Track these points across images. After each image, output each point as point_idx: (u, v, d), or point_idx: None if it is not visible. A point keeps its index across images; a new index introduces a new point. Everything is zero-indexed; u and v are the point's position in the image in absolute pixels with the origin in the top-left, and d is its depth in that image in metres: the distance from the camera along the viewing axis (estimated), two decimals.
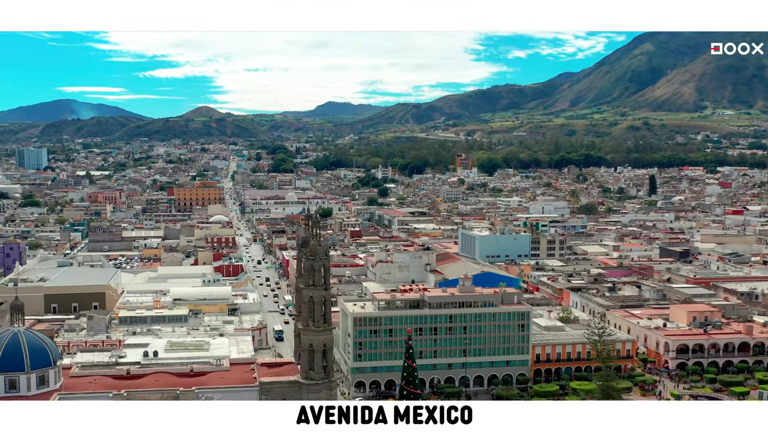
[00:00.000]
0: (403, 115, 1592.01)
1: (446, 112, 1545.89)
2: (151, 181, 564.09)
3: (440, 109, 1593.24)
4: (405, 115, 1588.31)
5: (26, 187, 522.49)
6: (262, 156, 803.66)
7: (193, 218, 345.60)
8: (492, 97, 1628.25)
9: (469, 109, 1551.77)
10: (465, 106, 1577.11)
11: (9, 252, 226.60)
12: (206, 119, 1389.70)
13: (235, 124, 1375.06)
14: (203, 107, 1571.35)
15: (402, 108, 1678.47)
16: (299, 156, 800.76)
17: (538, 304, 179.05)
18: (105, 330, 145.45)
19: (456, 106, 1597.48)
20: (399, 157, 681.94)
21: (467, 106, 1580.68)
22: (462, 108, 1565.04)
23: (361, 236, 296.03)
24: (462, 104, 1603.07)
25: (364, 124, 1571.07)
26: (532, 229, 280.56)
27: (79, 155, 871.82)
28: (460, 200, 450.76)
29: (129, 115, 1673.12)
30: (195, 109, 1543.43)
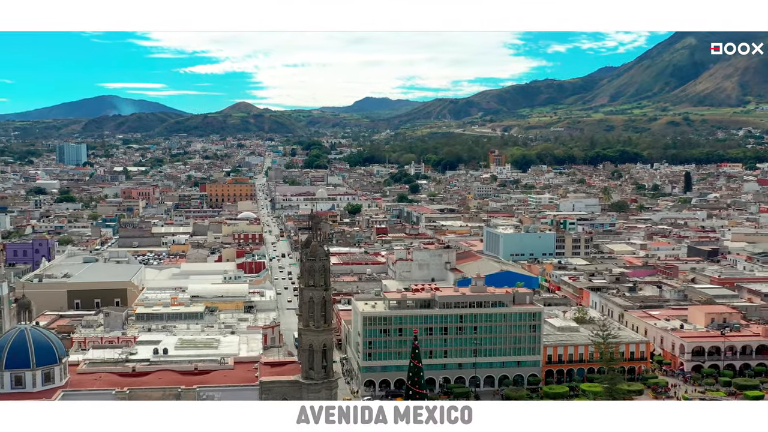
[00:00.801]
0: (440, 110, 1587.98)
1: (484, 108, 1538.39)
2: (185, 176, 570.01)
3: (478, 105, 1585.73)
4: (442, 110, 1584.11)
5: (64, 182, 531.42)
6: (297, 152, 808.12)
7: (222, 214, 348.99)
8: (530, 93, 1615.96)
9: (507, 104, 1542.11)
10: (503, 102, 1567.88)
11: (38, 248, 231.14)
12: (244, 115, 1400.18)
13: (272, 120, 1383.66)
14: (241, 103, 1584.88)
15: (439, 103, 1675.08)
16: (334, 152, 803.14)
17: (556, 303, 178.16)
18: (121, 326, 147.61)
19: (494, 101, 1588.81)
20: (432, 153, 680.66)
21: (505, 101, 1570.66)
22: (500, 103, 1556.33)
23: (387, 233, 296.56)
24: (500, 99, 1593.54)
25: (401, 119, 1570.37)
26: (557, 227, 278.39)
27: (118, 151, 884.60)
28: (491, 197, 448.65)
29: (169, 110, 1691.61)
30: (233, 105, 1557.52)
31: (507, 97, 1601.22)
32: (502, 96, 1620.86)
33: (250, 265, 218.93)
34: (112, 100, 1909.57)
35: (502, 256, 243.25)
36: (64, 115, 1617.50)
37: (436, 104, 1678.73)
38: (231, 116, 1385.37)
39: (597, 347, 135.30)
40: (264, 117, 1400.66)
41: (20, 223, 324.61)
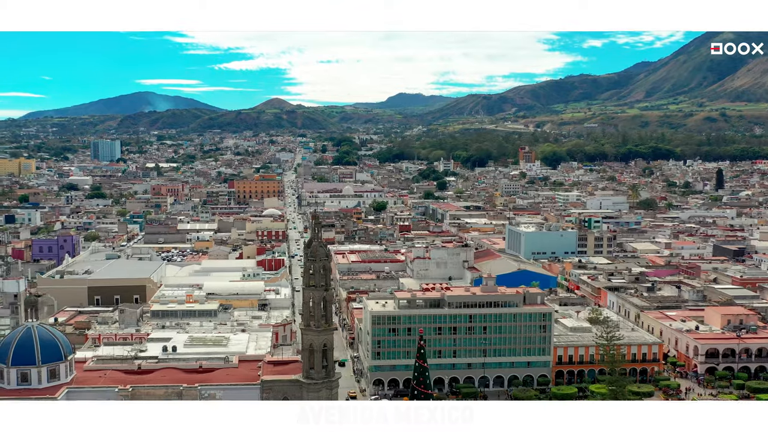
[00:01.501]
0: (474, 106, 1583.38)
1: (517, 103, 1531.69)
2: (216, 173, 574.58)
3: (511, 100, 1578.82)
4: (475, 106, 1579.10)
5: (97, 178, 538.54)
6: (328, 148, 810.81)
7: (248, 211, 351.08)
8: (565, 88, 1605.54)
9: (541, 100, 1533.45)
10: (537, 97, 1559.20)
11: (63, 244, 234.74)
12: (277, 111, 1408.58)
13: (305, 116, 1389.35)
14: (275, 99, 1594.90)
15: (472, 99, 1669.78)
16: (364, 148, 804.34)
17: (572, 303, 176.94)
18: (136, 323, 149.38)
19: (527, 96, 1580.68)
20: (462, 150, 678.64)
21: (539, 96, 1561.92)
22: (533, 99, 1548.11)
23: (410, 230, 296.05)
24: (534, 95, 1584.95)
25: (434, 115, 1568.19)
26: (580, 225, 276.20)
27: (152, 147, 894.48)
28: (518, 194, 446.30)
29: (203, 107, 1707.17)
30: (267, 101, 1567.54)
31: (541, 93, 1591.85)
32: (536, 92, 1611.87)
33: (270, 263, 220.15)
34: (148, 96, 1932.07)
35: (524, 255, 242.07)
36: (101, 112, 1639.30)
37: (469, 100, 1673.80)
38: (264, 112, 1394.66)
39: (602, 348, 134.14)
40: (297, 113, 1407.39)
41: (50, 219, 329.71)
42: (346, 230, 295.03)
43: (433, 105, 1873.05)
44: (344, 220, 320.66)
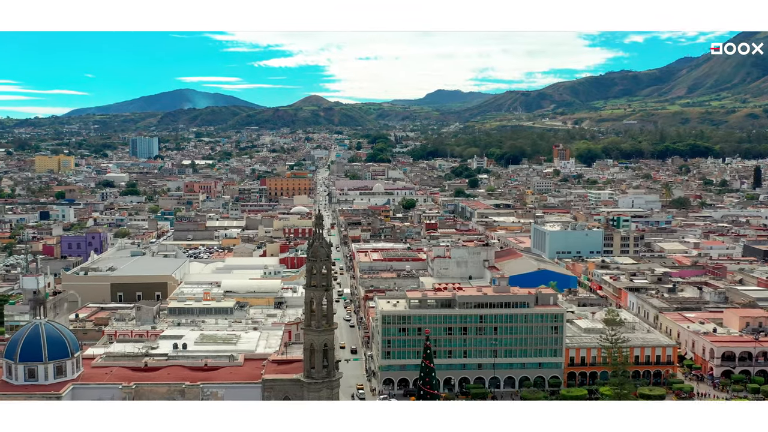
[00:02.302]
0: (512, 103, 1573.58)
1: (556, 100, 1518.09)
2: (250, 170, 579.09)
3: (550, 97, 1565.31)
4: (513, 103, 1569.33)
5: (133, 175, 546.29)
6: (363, 145, 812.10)
7: (277, 209, 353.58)
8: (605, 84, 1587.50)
9: (580, 96, 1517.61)
10: (576, 94, 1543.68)
11: (91, 241, 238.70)
12: (315, 108, 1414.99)
13: (342, 113, 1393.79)
14: (312, 96, 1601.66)
15: (511, 96, 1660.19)
16: (399, 145, 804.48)
17: (591, 304, 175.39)
18: (152, 320, 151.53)
19: (566, 93, 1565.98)
20: (496, 147, 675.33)
21: (578, 93, 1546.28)
22: (573, 95, 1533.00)
23: (436, 229, 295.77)
24: (573, 91, 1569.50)
25: (472, 112, 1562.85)
26: (607, 224, 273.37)
27: (189, 144, 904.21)
28: (550, 192, 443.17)
29: (242, 104, 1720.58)
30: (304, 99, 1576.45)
31: (580, 89, 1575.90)
32: (575, 88, 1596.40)
33: (292, 260, 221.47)
34: (188, 93, 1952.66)
35: (548, 254, 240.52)
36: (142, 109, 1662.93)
37: (507, 96, 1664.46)
38: (302, 109, 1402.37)
39: (604, 351, 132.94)
40: (334, 110, 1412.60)
41: (83, 215, 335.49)
42: (372, 228, 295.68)
43: (471, 102, 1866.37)
44: (371, 217, 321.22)
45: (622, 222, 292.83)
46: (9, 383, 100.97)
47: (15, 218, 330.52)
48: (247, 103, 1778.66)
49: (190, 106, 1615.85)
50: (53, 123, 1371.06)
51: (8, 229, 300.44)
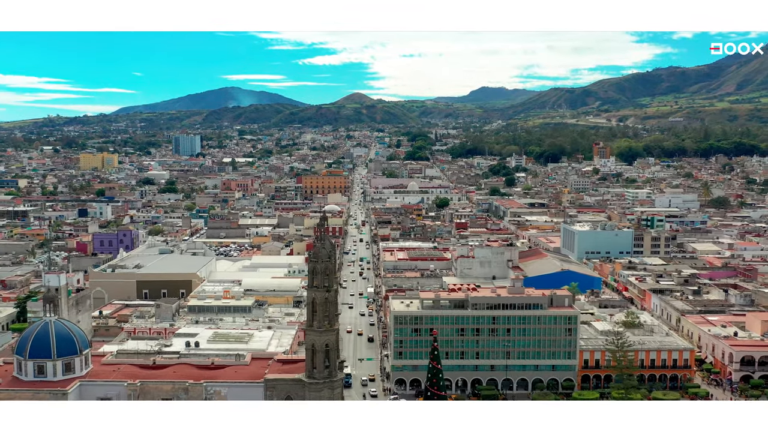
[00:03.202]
0: (556, 100, 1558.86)
1: (601, 97, 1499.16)
2: (288, 168, 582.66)
3: (595, 94, 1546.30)
4: (558, 100, 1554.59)
5: (174, 173, 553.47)
6: (403, 143, 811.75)
7: (310, 207, 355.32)
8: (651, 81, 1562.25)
9: (626, 93, 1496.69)
10: (622, 90, 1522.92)
11: (122, 238, 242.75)
12: (357, 106, 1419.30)
13: (384, 111, 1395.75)
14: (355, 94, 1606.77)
15: (555, 93, 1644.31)
16: (438, 143, 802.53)
17: (612, 305, 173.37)
18: (171, 318, 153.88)
19: (612, 90, 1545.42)
20: (536, 146, 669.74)
21: (624, 90, 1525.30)
22: (618, 92, 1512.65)
23: (467, 228, 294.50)
24: (618, 88, 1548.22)
25: (516, 109, 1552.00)
26: (638, 224, 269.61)
27: (231, 142, 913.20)
28: (587, 191, 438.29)
29: (286, 102, 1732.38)
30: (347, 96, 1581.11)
31: (626, 86, 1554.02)
32: (621, 85, 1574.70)
33: None
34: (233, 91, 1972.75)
35: (577, 254, 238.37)
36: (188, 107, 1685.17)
37: (551, 94, 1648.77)
38: (344, 107, 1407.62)
39: (612, 354, 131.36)
40: (376, 108, 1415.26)
41: (120, 213, 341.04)
42: (402, 226, 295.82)
43: (515, 99, 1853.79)
44: (402, 216, 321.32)
45: (656, 222, 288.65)
46: (19, 379, 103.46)
47: (54, 215, 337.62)
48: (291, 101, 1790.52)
49: (234, 104, 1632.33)
50: (101, 121, 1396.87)
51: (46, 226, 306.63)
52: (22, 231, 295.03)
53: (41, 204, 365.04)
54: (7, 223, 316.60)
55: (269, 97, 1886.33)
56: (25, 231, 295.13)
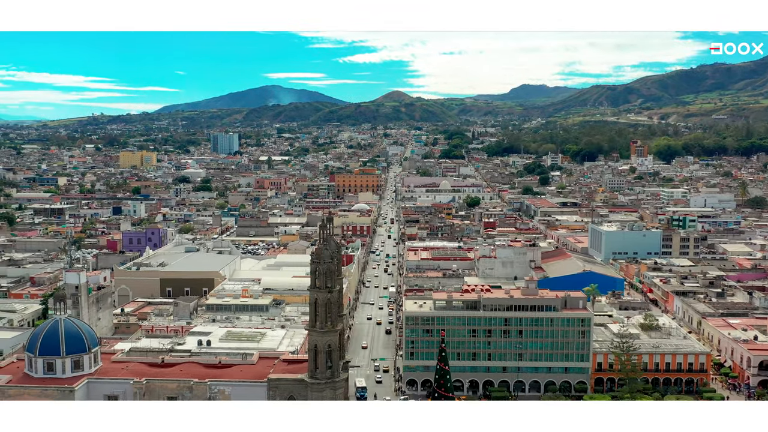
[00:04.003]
0: (597, 97, 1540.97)
1: (644, 94, 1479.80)
2: (323, 166, 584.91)
3: (637, 91, 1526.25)
4: (599, 97, 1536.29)
5: (210, 171, 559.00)
6: (439, 141, 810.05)
7: (340, 205, 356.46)
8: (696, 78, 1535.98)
9: (669, 90, 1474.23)
10: (664, 88, 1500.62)
11: (150, 236, 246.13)
12: (396, 104, 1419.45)
13: (423, 109, 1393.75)
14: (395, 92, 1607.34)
15: (596, 90, 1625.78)
16: (475, 141, 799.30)
17: (633, 307, 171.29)
18: (189, 316, 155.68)
19: (655, 87, 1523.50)
20: (573, 144, 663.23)
21: (667, 87, 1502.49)
22: (661, 89, 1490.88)
23: (495, 227, 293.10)
24: (661, 85, 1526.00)
25: (556, 107, 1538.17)
26: (668, 224, 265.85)
27: (269, 140, 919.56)
28: (622, 190, 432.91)
29: (326, 100, 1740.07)
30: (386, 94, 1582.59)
31: (669, 83, 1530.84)
32: (664, 82, 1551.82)
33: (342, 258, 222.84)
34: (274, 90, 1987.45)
35: (604, 255, 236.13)
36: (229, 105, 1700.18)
37: (593, 91, 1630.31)
38: (383, 105, 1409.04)
39: (617, 357, 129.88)
40: (415, 105, 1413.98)
41: (153, 211, 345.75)
42: (430, 226, 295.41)
43: (556, 96, 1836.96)
44: (430, 215, 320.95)
45: (688, 222, 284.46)
46: (30, 375, 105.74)
47: (90, 213, 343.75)
48: (332, 99, 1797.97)
49: (274, 103, 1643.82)
50: (144, 119, 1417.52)
51: (80, 223, 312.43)
52: (57, 228, 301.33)
53: (77, 202, 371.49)
54: (44, 220, 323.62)
55: (309, 95, 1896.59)
56: (60, 228, 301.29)
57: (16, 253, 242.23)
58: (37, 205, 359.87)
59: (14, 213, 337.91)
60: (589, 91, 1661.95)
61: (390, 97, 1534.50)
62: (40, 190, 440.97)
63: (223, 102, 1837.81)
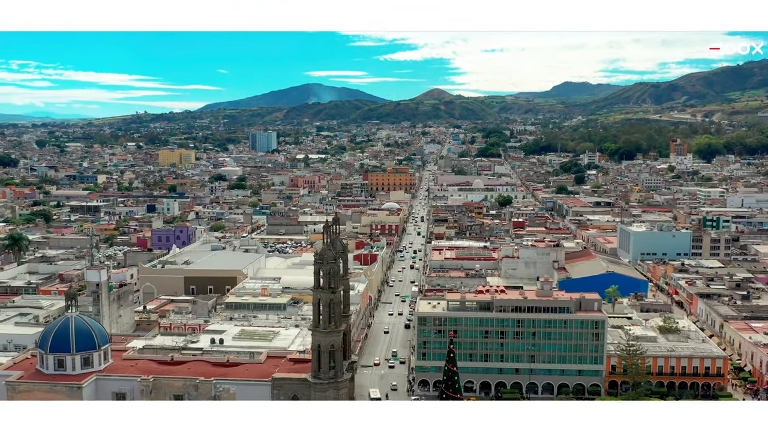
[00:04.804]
0: (640, 95, 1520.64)
1: (688, 92, 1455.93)
2: (359, 164, 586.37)
3: (681, 88, 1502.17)
4: (642, 95, 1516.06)
5: (247, 169, 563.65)
6: (477, 140, 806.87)
7: (372, 204, 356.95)
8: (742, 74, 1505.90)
9: (714, 87, 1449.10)
10: (710, 85, 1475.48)
11: (179, 234, 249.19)
12: (436, 102, 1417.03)
13: (463, 107, 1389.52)
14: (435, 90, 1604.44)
15: (640, 87, 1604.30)
16: (513, 140, 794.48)
17: (655, 310, 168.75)
18: (207, 314, 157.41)
19: (700, 84, 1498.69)
20: (611, 142, 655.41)
21: (712, 84, 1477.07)
22: (706, 86, 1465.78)
23: (524, 227, 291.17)
24: (707, 82, 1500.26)
25: (598, 105, 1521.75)
26: (699, 224, 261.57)
27: (308, 138, 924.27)
28: (659, 190, 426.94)
29: (366, 98, 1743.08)
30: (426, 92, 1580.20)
31: (715, 80, 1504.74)
32: (709, 79, 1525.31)
33: (366, 257, 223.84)
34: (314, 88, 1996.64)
35: (632, 255, 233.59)
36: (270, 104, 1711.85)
37: (636, 88, 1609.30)
38: (423, 103, 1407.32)
39: (623, 359, 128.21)
40: (455, 103, 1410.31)
41: (186, 209, 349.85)
42: (458, 225, 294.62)
43: (598, 94, 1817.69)
44: (459, 214, 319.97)
45: (722, 222, 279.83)
46: (41, 372, 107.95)
47: (125, 210, 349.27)
48: (372, 97, 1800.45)
49: (315, 101, 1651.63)
50: (186, 118, 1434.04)
51: (114, 221, 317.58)
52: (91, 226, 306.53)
53: (113, 199, 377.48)
54: (79, 217, 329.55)
55: (350, 93, 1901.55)
56: (95, 226, 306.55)
57: (49, 249, 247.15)
58: (75, 203, 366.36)
59: (51, 210, 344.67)
60: (632, 88, 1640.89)
61: (430, 95, 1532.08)
62: (79, 188, 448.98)
63: (265, 100, 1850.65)
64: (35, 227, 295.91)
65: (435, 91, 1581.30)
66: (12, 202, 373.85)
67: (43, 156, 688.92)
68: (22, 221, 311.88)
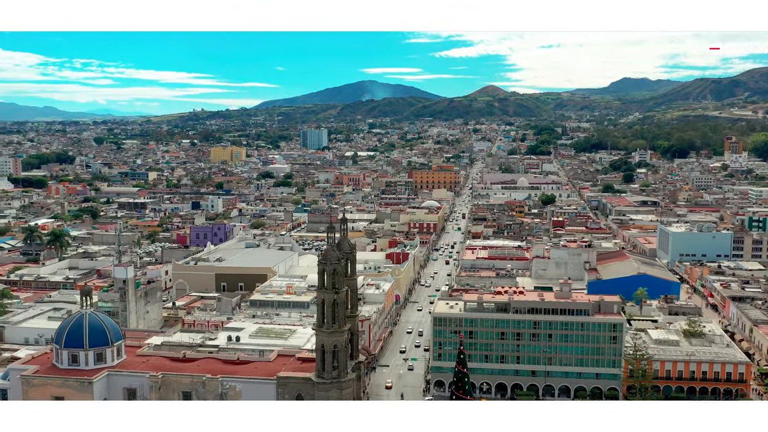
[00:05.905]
0: (701, 91, 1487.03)
1: (750, 87, 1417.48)
2: (407, 162, 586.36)
3: (744, 84, 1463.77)
4: (702, 91, 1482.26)
5: (295, 167, 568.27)
6: (528, 137, 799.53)
7: (412, 202, 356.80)
8: None
9: None
10: None
11: (216, 232, 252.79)
12: (489, 99, 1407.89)
13: (517, 104, 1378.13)
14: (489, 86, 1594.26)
15: (700, 83, 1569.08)
16: (564, 137, 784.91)
17: (684, 313, 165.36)
18: (231, 312, 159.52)
19: (763, 80, 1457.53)
20: (664, 140, 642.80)
21: None
22: None
23: (563, 226, 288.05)
24: None
25: (656, 101, 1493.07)
26: (742, 226, 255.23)
27: (359, 136, 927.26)
28: (709, 189, 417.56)
29: (421, 95, 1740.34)
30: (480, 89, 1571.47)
31: None
32: None
33: (398, 256, 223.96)
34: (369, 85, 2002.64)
35: (671, 256, 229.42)
36: (325, 101, 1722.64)
37: (696, 84, 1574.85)
38: (476, 100, 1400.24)
39: (628, 363, 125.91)
40: (509, 100, 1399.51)
41: (230, 206, 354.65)
42: (497, 224, 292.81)
43: (657, 90, 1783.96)
44: (499, 213, 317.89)
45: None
46: (56, 366, 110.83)
47: (170, 207, 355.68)
48: (426, 94, 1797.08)
49: (369, 98, 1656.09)
50: (241, 115, 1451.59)
51: (159, 218, 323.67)
52: (137, 222, 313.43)
53: (160, 196, 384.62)
54: (125, 214, 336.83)
55: (404, 90, 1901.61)
56: (139, 222, 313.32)
57: (92, 245, 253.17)
58: (123, 200, 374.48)
59: (100, 207, 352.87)
60: (692, 84, 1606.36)
61: (484, 91, 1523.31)
62: (130, 185, 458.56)
63: (320, 97, 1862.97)
64: (82, 223, 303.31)
65: (489, 88, 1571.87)
66: (64, 199, 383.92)
67: (99, 153, 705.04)
68: (69, 217, 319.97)
